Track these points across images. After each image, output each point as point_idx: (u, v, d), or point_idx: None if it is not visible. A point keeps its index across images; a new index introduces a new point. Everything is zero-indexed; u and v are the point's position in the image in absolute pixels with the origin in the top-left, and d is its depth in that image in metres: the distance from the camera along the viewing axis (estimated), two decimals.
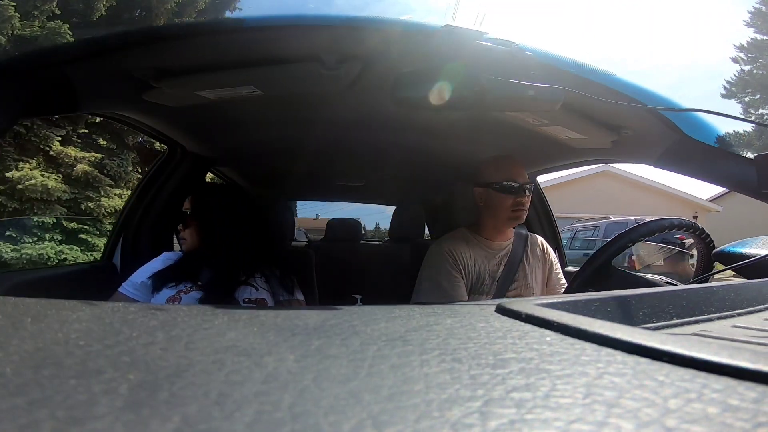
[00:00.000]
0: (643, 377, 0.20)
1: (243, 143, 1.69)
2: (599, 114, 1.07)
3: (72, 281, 1.34)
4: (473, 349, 0.25)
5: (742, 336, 0.34)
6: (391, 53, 0.88)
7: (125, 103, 1.07)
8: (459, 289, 1.20)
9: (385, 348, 0.25)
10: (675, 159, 1.00)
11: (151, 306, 0.33)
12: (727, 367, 0.21)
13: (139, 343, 0.24)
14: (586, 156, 1.45)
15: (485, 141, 1.57)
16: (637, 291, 0.44)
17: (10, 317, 0.28)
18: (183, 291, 1.09)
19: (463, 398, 0.18)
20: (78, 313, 0.30)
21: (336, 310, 0.34)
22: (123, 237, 1.53)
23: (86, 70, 0.84)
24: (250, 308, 0.34)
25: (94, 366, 0.20)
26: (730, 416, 0.16)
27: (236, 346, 0.24)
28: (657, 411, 0.17)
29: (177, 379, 0.19)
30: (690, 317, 0.39)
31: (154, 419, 0.15)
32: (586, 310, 0.37)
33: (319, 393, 0.18)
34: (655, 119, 0.94)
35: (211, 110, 1.22)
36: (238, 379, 0.19)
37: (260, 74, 0.94)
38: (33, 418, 0.15)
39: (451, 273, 1.21)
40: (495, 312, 0.36)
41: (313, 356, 0.23)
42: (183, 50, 0.87)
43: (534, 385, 0.19)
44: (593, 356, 0.24)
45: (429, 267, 1.27)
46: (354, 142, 1.72)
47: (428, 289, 1.23)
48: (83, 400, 0.16)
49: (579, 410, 0.17)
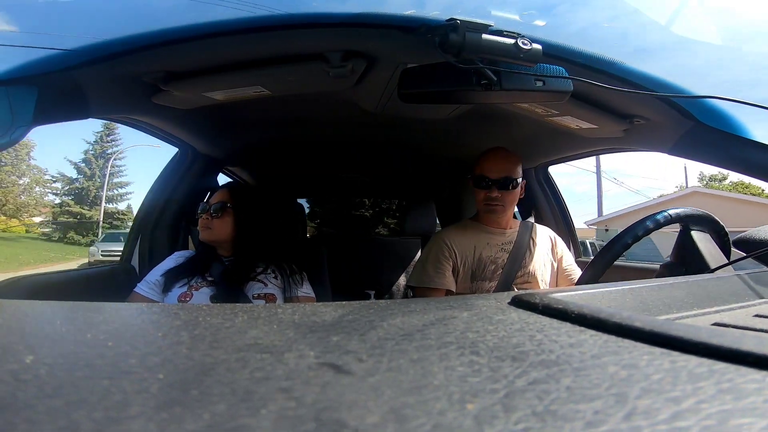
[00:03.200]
0: (665, 367, 0.20)
1: (252, 143, 1.70)
2: (609, 103, 1.05)
3: (92, 284, 1.37)
4: (492, 342, 0.25)
5: (763, 325, 0.34)
6: (396, 49, 0.87)
7: (135, 106, 1.09)
8: (443, 278, 1.25)
9: (404, 342, 0.25)
10: (691, 146, 0.98)
11: (173, 306, 0.34)
12: (748, 356, 0.21)
13: (165, 343, 0.24)
14: (599, 145, 1.43)
15: (494, 133, 1.56)
16: (654, 281, 0.44)
17: (39, 320, 0.29)
18: (194, 287, 1.13)
19: (484, 391, 0.18)
20: (104, 315, 0.31)
21: (352, 305, 0.35)
22: (140, 239, 1.55)
23: (96, 75, 0.86)
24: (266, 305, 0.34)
25: (124, 366, 0.20)
26: (744, 403, 0.16)
27: (258, 343, 0.24)
28: (679, 400, 0.17)
29: (204, 377, 0.19)
30: (710, 307, 0.39)
31: (187, 418, 0.16)
32: (602, 301, 0.37)
33: (341, 388, 0.18)
34: (668, 107, 0.93)
35: (220, 111, 1.23)
36: (262, 376, 0.20)
37: (266, 74, 0.95)
38: (71, 419, 0.15)
39: (439, 260, 1.26)
40: (510, 304, 0.36)
41: (333, 352, 0.23)
42: (190, 53, 0.87)
43: (555, 377, 0.20)
44: (613, 347, 0.24)
45: (424, 253, 1.34)
46: (362, 138, 1.72)
47: (416, 273, 1.31)
48: (118, 401, 0.17)
49: (602, 402, 0.17)
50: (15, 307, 0.35)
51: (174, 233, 1.60)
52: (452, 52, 0.70)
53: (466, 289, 1.25)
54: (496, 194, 1.25)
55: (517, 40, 0.69)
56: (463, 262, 1.26)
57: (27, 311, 0.34)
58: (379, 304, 0.36)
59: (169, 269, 1.18)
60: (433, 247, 1.30)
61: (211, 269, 1.18)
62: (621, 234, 0.83)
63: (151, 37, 0.82)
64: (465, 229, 1.32)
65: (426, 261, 1.29)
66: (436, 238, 1.33)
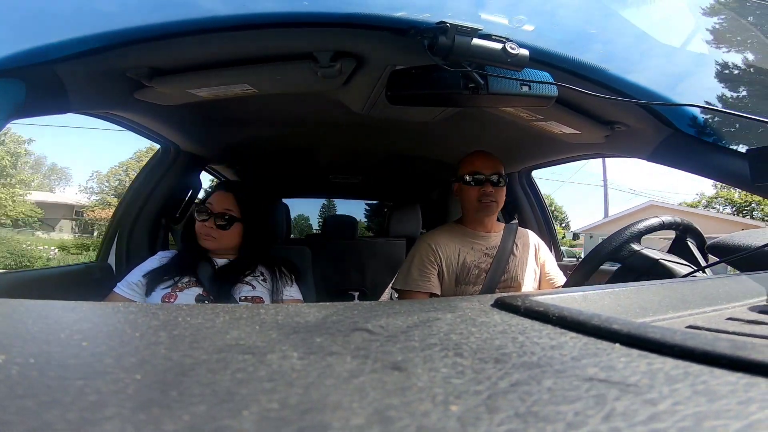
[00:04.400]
0: (642, 369, 0.21)
1: (237, 141, 1.68)
2: (592, 109, 1.07)
3: (68, 282, 1.33)
4: (475, 344, 0.25)
5: (735, 328, 0.35)
6: (385, 50, 0.88)
7: (117, 102, 1.06)
8: (427, 282, 1.25)
9: (388, 344, 0.25)
10: (668, 153, 1.01)
11: (152, 306, 0.33)
12: (722, 358, 0.21)
13: (143, 343, 0.24)
14: (581, 150, 1.46)
15: (479, 137, 1.57)
16: (632, 285, 0.45)
17: (11, 319, 0.28)
18: (179, 288, 1.09)
19: (467, 392, 0.18)
20: (79, 313, 0.30)
21: (336, 306, 0.35)
22: (117, 237, 1.51)
23: (77, 70, 0.83)
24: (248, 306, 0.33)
25: (100, 367, 0.20)
26: (719, 405, 0.17)
27: (239, 344, 0.24)
28: (656, 402, 0.17)
29: (184, 378, 0.19)
30: (685, 310, 0.40)
31: (165, 419, 0.15)
32: (582, 303, 0.38)
33: (325, 390, 0.18)
34: (648, 114, 0.95)
35: (205, 109, 1.21)
36: (244, 377, 0.19)
37: (254, 72, 0.94)
38: (44, 420, 0.15)
39: (424, 264, 1.27)
40: (493, 306, 0.36)
41: (317, 353, 0.23)
42: (175, 49, 0.86)
43: (537, 379, 0.20)
44: (592, 349, 0.24)
45: (409, 256, 1.34)
46: (349, 139, 1.72)
47: (401, 276, 1.31)
48: (93, 401, 0.16)
49: (582, 403, 0.17)
50: None
51: (154, 232, 1.57)
52: (441, 55, 0.70)
53: (451, 293, 1.26)
54: (491, 190, 1.27)
55: (505, 45, 0.70)
56: (448, 266, 1.27)
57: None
58: (363, 305, 0.36)
59: (152, 269, 1.13)
60: (419, 250, 1.30)
61: (198, 270, 1.13)
62: (604, 243, 0.85)
63: (136, 32, 0.80)
64: (450, 233, 1.33)
65: (411, 264, 1.29)
66: (421, 242, 1.33)
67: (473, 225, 1.33)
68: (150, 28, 0.79)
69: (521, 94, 0.76)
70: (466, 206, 1.32)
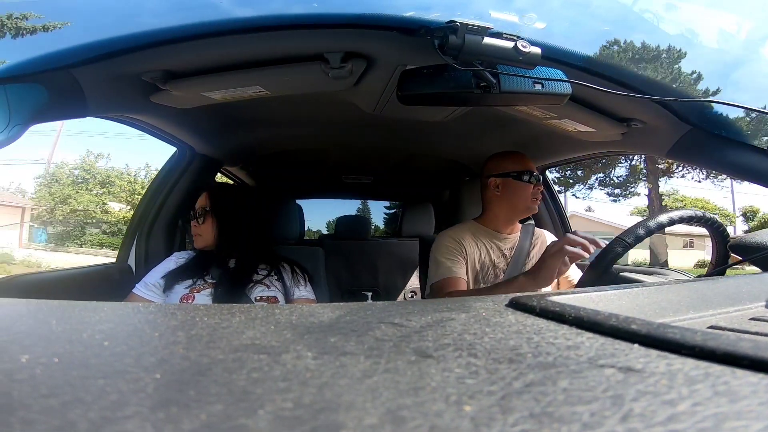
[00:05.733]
0: (661, 370, 0.20)
1: (251, 143, 1.70)
2: (608, 106, 1.05)
3: (88, 283, 1.36)
4: (489, 344, 0.25)
5: (759, 329, 0.34)
6: (395, 51, 0.87)
7: (134, 105, 1.09)
8: (461, 267, 1.22)
9: (402, 343, 0.25)
10: (687, 150, 0.99)
11: (170, 306, 0.34)
12: (744, 359, 0.21)
13: (161, 343, 0.24)
14: (597, 149, 1.43)
15: (493, 136, 1.56)
16: (650, 285, 0.44)
17: (34, 319, 0.29)
18: (196, 289, 1.12)
19: (481, 392, 0.18)
20: (100, 314, 0.30)
21: (349, 306, 0.35)
22: (137, 238, 1.55)
23: (96, 74, 0.85)
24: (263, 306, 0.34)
25: (120, 366, 0.20)
26: (740, 406, 0.16)
27: (255, 344, 0.24)
28: (675, 403, 0.17)
29: (201, 377, 0.19)
30: (706, 310, 0.39)
31: (183, 417, 0.16)
32: (599, 304, 0.37)
33: (338, 390, 0.18)
34: (665, 111, 0.93)
35: (218, 111, 1.23)
36: (259, 377, 0.20)
37: (265, 74, 0.95)
38: (67, 419, 0.15)
39: (452, 253, 1.24)
40: (507, 306, 0.36)
41: (331, 353, 0.23)
42: (189, 52, 0.87)
43: (552, 379, 0.20)
44: (610, 350, 0.24)
45: (433, 251, 1.30)
46: (361, 139, 1.72)
47: (432, 270, 1.27)
48: (114, 400, 0.17)
49: (599, 404, 0.17)
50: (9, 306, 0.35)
51: (171, 233, 1.60)
52: (452, 54, 0.70)
53: None
54: (542, 190, 1.27)
55: (516, 43, 0.69)
56: (471, 262, 1.25)
57: (22, 310, 0.33)
58: (376, 305, 0.36)
59: (170, 271, 1.16)
60: (444, 243, 1.27)
61: (211, 271, 1.17)
62: (620, 236, 0.83)
63: (151, 36, 0.82)
64: (471, 231, 1.31)
65: (439, 255, 1.26)
66: (444, 236, 1.30)
67: (500, 225, 1.30)
68: (165, 32, 0.81)
69: (534, 93, 0.75)
70: (513, 202, 1.26)
